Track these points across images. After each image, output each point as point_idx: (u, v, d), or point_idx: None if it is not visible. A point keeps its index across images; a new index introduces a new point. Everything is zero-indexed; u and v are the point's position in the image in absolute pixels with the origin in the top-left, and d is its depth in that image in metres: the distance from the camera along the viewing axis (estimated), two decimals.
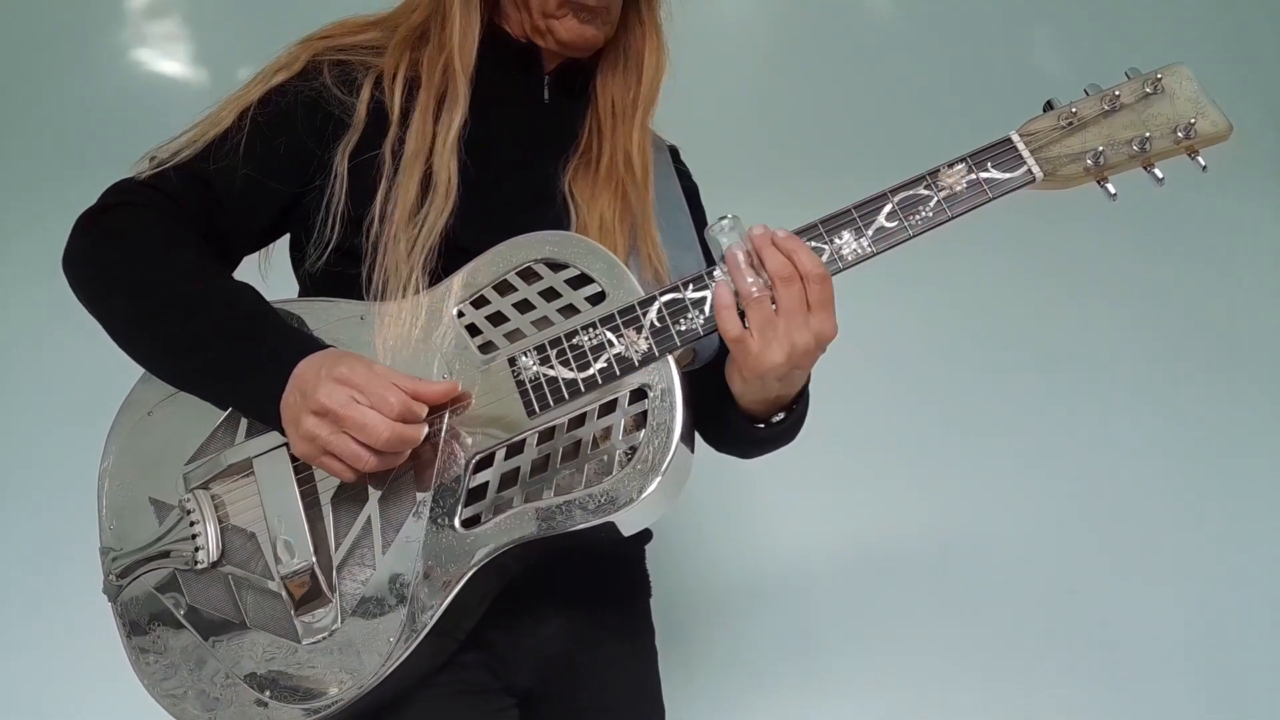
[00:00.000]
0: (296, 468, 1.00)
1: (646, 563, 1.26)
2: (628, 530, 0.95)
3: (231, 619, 1.00)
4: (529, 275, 1.01)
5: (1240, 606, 2.06)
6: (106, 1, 2.27)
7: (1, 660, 1.92)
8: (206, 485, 1.02)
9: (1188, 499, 2.11)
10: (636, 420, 0.95)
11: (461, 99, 1.08)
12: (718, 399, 1.07)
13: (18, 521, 1.99)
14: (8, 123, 2.21)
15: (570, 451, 0.96)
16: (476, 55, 1.11)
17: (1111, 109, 0.98)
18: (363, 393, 0.92)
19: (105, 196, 1.08)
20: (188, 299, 1.01)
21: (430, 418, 0.97)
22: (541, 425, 0.97)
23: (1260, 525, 2.11)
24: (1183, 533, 2.08)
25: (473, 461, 0.97)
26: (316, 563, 0.97)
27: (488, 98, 1.12)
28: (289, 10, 1.72)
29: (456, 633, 1.00)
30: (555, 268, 1.01)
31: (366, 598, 0.97)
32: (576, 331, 0.98)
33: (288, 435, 0.97)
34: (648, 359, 0.96)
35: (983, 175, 0.97)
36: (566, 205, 1.13)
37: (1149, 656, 2.01)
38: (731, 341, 0.96)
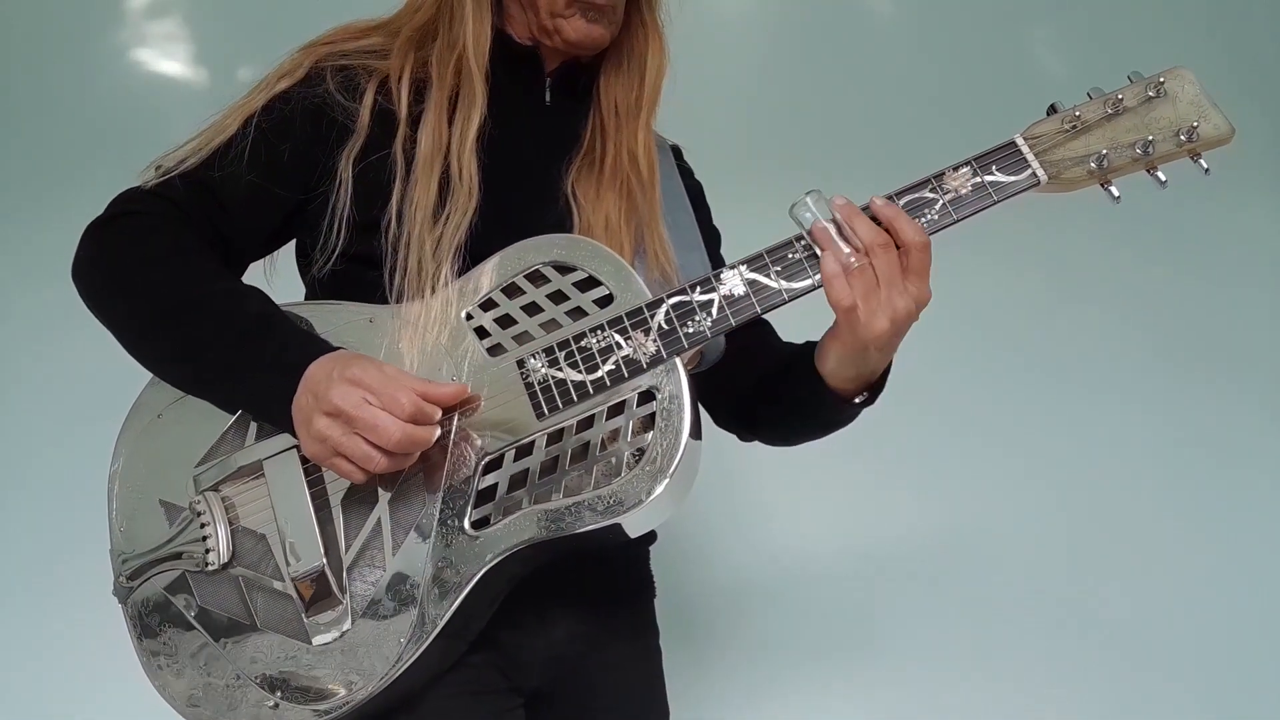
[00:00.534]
0: (307, 470, 1.00)
1: (651, 563, 1.27)
2: (634, 532, 0.96)
3: (242, 620, 1.01)
4: (537, 278, 1.01)
5: (1239, 607, 2.06)
6: (106, 1, 2.27)
7: (12, 662, 1.92)
8: (217, 487, 1.03)
9: (1185, 501, 2.12)
10: (644, 422, 0.96)
11: (479, 98, 1.08)
12: (793, 385, 1.08)
13: (28, 524, 1.99)
14: (8, 123, 2.21)
15: (579, 453, 0.97)
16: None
17: (1114, 112, 0.98)
18: (375, 394, 0.92)
19: (112, 206, 1.08)
20: (197, 303, 1.01)
21: (440, 420, 0.97)
22: (550, 427, 0.97)
23: (1258, 526, 2.12)
24: (1181, 534, 2.09)
25: (482, 463, 0.98)
26: (327, 564, 0.97)
27: (489, 99, 1.11)
28: (289, 10, 1.72)
29: (466, 634, 1.00)
30: (563, 270, 1.01)
31: (377, 599, 0.97)
32: (585, 334, 0.98)
33: (299, 436, 0.97)
34: (655, 361, 0.97)
35: (988, 178, 0.98)
36: (569, 206, 1.13)
37: (1149, 657, 2.02)
38: (844, 312, 0.96)
